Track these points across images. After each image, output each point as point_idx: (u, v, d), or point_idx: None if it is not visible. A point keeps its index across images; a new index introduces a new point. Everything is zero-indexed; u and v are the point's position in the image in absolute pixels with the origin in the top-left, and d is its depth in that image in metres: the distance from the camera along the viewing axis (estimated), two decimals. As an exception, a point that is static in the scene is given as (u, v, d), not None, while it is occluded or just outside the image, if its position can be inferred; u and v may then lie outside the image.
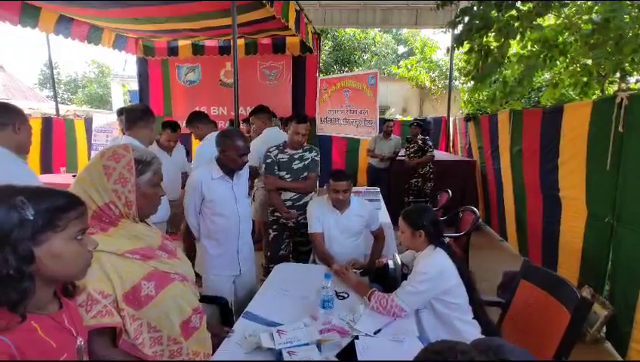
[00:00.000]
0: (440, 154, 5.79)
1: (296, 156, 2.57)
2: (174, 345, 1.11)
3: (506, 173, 4.06)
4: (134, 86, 6.63)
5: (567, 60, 3.80)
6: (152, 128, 2.24)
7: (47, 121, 6.22)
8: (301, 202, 2.59)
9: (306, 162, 2.59)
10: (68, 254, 0.77)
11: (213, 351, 1.28)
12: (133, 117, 2.18)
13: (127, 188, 1.05)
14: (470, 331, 1.56)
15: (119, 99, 17.68)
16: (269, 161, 2.56)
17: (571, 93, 4.36)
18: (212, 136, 2.79)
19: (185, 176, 3.23)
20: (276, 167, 2.54)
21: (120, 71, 18.96)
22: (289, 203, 2.57)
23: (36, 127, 6.01)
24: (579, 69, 3.64)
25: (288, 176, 2.56)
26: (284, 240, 2.60)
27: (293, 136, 2.53)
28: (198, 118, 3.13)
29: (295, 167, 2.56)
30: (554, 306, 1.55)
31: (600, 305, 2.46)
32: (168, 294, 1.09)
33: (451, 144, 7.43)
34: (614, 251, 2.37)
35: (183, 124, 3.43)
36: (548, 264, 3.21)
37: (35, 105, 16.16)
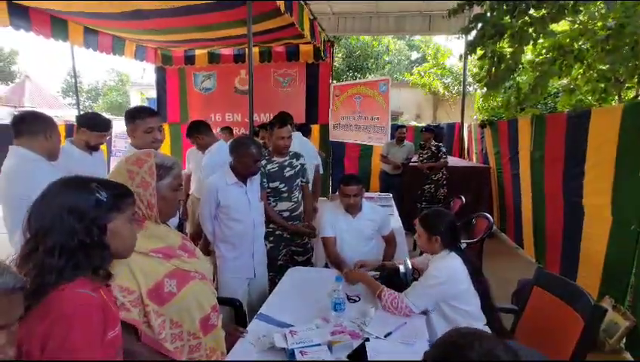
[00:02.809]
0: (454, 161, 5.75)
1: (285, 163, 2.47)
2: (194, 340, 1.17)
3: (525, 178, 3.99)
4: (152, 94, 6.82)
5: (584, 66, 3.75)
6: (141, 133, 1.83)
7: (69, 128, 6.45)
8: (298, 211, 2.54)
9: (296, 169, 2.50)
10: (125, 232, 0.94)
11: (228, 350, 1.32)
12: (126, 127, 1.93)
13: (148, 192, 1.12)
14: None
15: (138, 107, 18.12)
16: None
17: (589, 98, 4.29)
18: (216, 147, 2.72)
19: None
20: (265, 179, 2.39)
21: (138, 79, 19.55)
22: (286, 213, 2.48)
23: (60, 133, 6.24)
24: (595, 75, 3.59)
25: (283, 185, 2.44)
26: (281, 250, 2.51)
27: (278, 142, 2.41)
28: (197, 128, 2.97)
29: (287, 174, 2.46)
30: (567, 314, 1.54)
31: (621, 316, 2.41)
32: (189, 291, 1.15)
33: (466, 150, 7.36)
34: (639, 260, 2.31)
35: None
36: (567, 272, 3.14)
37: (59, 112, 16.80)
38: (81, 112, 7.15)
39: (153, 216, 1.14)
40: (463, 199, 3.82)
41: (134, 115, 1.84)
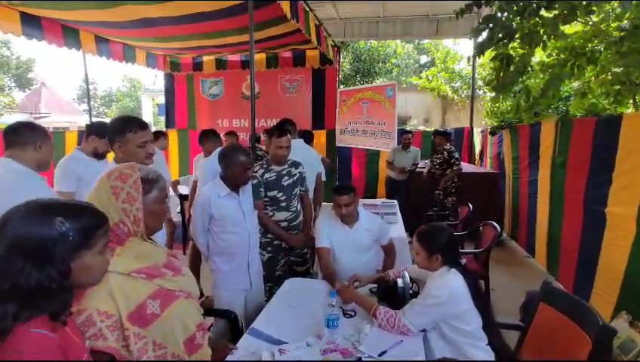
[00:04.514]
0: (462, 166, 5.64)
1: (283, 172, 2.45)
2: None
3: (543, 184, 3.85)
4: (163, 100, 6.89)
5: (598, 69, 3.62)
6: (134, 147, 1.59)
7: (82, 135, 6.57)
8: (296, 222, 2.50)
9: (295, 178, 2.47)
10: (95, 267, 0.86)
11: (217, 367, 1.28)
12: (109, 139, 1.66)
13: (135, 207, 1.08)
14: (481, 357, 1.49)
15: (149, 113, 18.53)
16: (254, 182, 2.30)
17: (603, 102, 4.15)
18: (217, 152, 2.84)
19: None
20: (262, 188, 2.37)
21: (150, 85, 19.91)
22: (284, 223, 2.45)
23: (73, 139, 6.42)
24: (609, 78, 3.46)
25: (281, 194, 2.42)
26: (280, 260, 2.49)
27: (277, 151, 2.40)
28: (204, 136, 3.31)
29: (285, 183, 2.44)
30: (575, 333, 1.47)
31: (638, 334, 2.29)
32: (173, 312, 1.11)
33: (478, 155, 7.20)
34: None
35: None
36: (581, 283, 3.03)
37: (73, 118, 17.24)
38: (94, 118, 7.33)
39: (139, 232, 1.11)
40: (470, 206, 3.72)
41: (123, 128, 1.58)
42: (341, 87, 7.16)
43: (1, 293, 0.72)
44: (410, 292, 1.74)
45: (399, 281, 1.70)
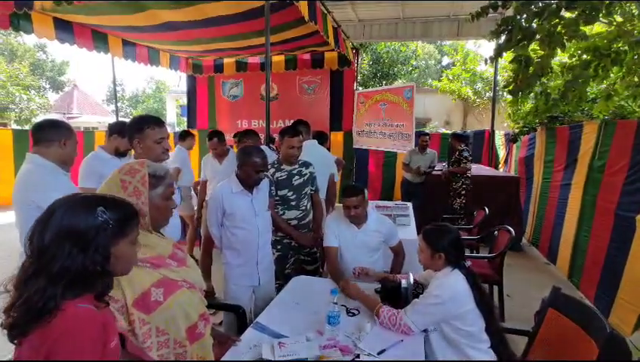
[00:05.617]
0: (482, 169, 5.51)
1: (294, 172, 2.47)
2: (180, 348, 1.19)
3: (577, 189, 3.71)
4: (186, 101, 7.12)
5: (623, 70, 3.47)
6: (152, 143, 1.68)
7: (109, 135, 6.88)
8: (306, 220, 2.52)
9: (305, 177, 2.50)
10: (128, 255, 0.93)
11: (217, 358, 1.33)
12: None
13: (140, 200, 1.15)
14: (482, 359, 1.47)
15: (173, 113, 19.11)
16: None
17: (631, 104, 3.97)
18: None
19: None
20: (273, 187, 2.39)
21: (175, 87, 20.51)
22: (294, 222, 2.47)
23: (102, 138, 6.73)
24: (635, 80, 3.31)
25: (291, 193, 2.45)
26: (289, 259, 2.51)
27: (288, 151, 2.42)
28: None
29: (296, 183, 2.46)
30: (582, 339, 1.43)
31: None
32: (176, 300, 1.17)
33: (503, 159, 7.01)
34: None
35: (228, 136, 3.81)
36: (604, 292, 2.93)
37: (103, 119, 18.03)
38: (121, 119, 7.64)
39: (145, 225, 1.18)
40: (486, 210, 3.64)
41: (141, 125, 1.67)
42: (359, 88, 7.15)
43: (52, 275, 0.80)
44: (414, 293, 1.73)
45: (403, 282, 1.71)
